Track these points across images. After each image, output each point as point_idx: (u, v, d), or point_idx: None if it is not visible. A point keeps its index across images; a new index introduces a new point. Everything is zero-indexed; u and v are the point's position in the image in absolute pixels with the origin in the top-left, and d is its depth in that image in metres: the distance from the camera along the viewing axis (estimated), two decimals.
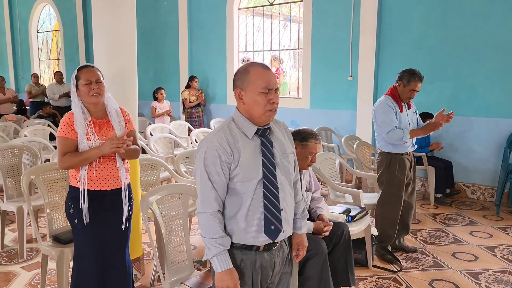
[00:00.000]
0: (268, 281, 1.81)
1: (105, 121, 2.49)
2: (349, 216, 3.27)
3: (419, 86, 3.46)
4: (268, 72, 1.72)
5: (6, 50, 12.62)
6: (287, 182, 1.79)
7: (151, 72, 9.09)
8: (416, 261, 3.62)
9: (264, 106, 1.69)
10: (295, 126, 7.08)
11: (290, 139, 1.90)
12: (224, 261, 1.69)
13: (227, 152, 1.67)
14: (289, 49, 7.39)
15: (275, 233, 1.73)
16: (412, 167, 3.68)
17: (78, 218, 2.42)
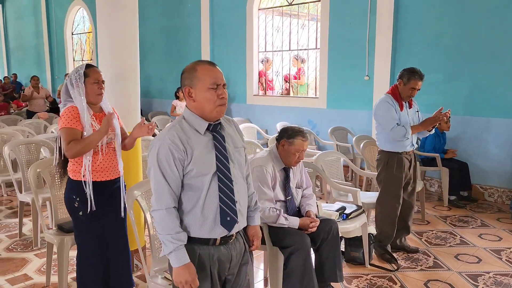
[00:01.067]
0: (226, 273, 1.85)
1: (102, 114, 2.67)
2: (344, 214, 3.31)
3: (420, 84, 3.44)
4: (214, 68, 1.78)
5: (43, 51, 13.28)
6: (240, 175, 1.85)
7: (175, 72, 9.33)
8: (415, 261, 3.60)
9: (214, 102, 1.74)
10: (312, 126, 7.11)
11: (240, 134, 1.95)
12: (181, 257, 1.71)
13: (179, 149, 1.71)
14: (307, 49, 7.42)
15: (231, 224, 1.78)
16: (413, 166, 3.66)
17: (83, 210, 2.54)
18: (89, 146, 2.50)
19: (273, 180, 2.79)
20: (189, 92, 1.77)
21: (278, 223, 2.69)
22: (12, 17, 14.96)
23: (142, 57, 10.32)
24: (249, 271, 1.96)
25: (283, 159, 2.84)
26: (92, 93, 2.58)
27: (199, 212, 1.75)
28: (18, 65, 14.94)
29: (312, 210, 2.87)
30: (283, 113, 7.44)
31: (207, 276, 1.79)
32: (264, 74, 7.99)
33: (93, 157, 2.58)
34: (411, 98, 3.57)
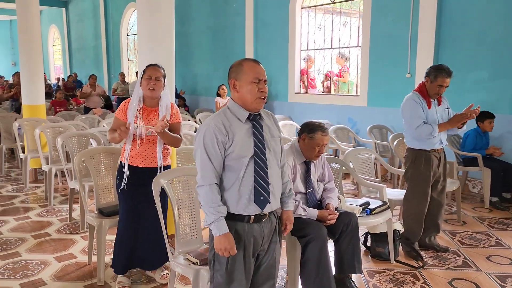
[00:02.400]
0: (259, 249, 2.07)
1: (154, 110, 2.96)
2: (368, 208, 3.35)
3: (447, 81, 3.40)
4: (258, 65, 2.02)
5: (101, 52, 14.11)
6: (275, 161, 2.06)
7: (220, 70, 9.62)
8: (443, 260, 3.57)
9: (255, 94, 1.96)
10: (352, 124, 7.10)
11: (277, 127, 2.16)
12: (221, 226, 1.94)
13: (222, 133, 1.94)
14: (349, 46, 7.40)
15: (264, 203, 1.98)
16: (442, 164, 3.62)
17: (121, 187, 2.92)
18: (114, 139, 2.89)
19: (293, 172, 2.90)
20: (234, 84, 2.00)
21: (296, 214, 2.79)
22: (74, 20, 16.01)
23: (190, 56, 10.76)
24: (277, 249, 2.15)
25: (304, 152, 2.95)
26: (144, 87, 2.88)
27: (236, 190, 1.97)
28: (78, 65, 15.97)
29: (331, 203, 2.95)
30: (324, 111, 7.48)
31: (241, 248, 2.00)
32: (305, 72, 8.06)
33: (132, 144, 2.91)
34: (440, 95, 3.53)
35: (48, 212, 4.76)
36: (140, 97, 2.92)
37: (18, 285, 3.07)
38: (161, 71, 2.92)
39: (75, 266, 3.39)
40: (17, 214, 4.67)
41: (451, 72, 3.40)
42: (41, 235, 4.05)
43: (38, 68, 6.23)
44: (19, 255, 3.59)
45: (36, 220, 4.49)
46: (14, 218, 4.54)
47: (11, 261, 3.48)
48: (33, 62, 6.11)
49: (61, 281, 3.14)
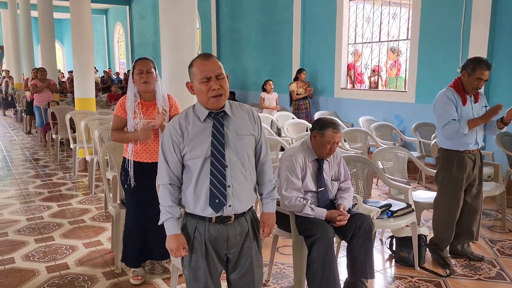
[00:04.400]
0: (225, 251, 1.96)
1: (152, 104, 2.99)
2: (389, 211, 3.19)
3: (487, 74, 3.13)
4: (206, 62, 1.88)
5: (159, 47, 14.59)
6: (239, 161, 1.91)
7: (269, 65, 9.60)
8: (475, 270, 3.31)
9: (206, 94, 1.86)
10: (399, 121, 6.78)
11: (253, 123, 1.99)
12: (171, 227, 1.91)
13: (177, 133, 1.89)
14: (397, 39, 7.05)
15: (219, 206, 1.88)
16: (478, 167, 3.35)
17: (127, 183, 2.98)
18: (124, 140, 2.97)
19: (303, 170, 2.82)
20: (191, 87, 1.94)
21: (303, 213, 2.72)
22: (136, 17, 16.73)
23: (240, 51, 10.86)
24: (254, 255, 2.01)
25: (315, 150, 2.85)
26: (137, 82, 2.91)
27: (192, 191, 1.91)
28: None
29: (343, 204, 2.83)
30: (370, 108, 7.21)
31: (201, 248, 1.93)
32: (353, 67, 7.80)
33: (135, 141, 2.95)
34: (478, 91, 3.26)
35: (89, 200, 5.02)
36: (135, 92, 2.94)
37: (44, 267, 3.28)
38: (151, 63, 2.94)
39: (99, 253, 3.56)
40: (61, 201, 4.98)
41: (490, 65, 3.13)
42: (77, 222, 4.29)
43: (89, 63, 6.58)
44: (53, 240, 3.83)
45: (76, 207, 4.76)
46: (57, 204, 4.85)
47: (44, 244, 3.72)
48: (84, 57, 6.46)
49: (83, 266, 3.30)
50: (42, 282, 3.04)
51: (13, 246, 3.68)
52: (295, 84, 7.91)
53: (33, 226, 4.15)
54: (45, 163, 7.11)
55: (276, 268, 3.28)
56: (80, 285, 3.01)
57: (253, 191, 2.01)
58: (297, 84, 7.89)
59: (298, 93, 7.87)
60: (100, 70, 18.29)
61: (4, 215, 4.48)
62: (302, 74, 7.92)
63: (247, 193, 1.96)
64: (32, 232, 4.00)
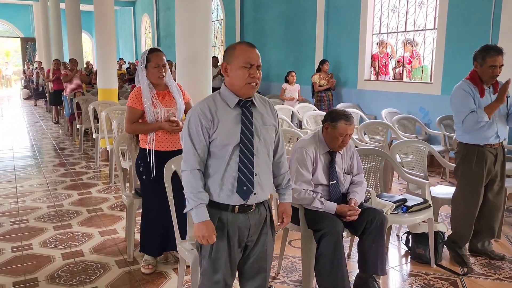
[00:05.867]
0: (246, 240, 1.98)
1: (166, 92, 3.04)
2: (404, 206, 3.09)
3: (499, 59, 2.99)
4: (251, 49, 1.90)
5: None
6: (264, 150, 1.95)
7: (292, 56, 9.49)
8: (495, 269, 3.18)
9: (244, 79, 1.86)
10: (424, 113, 6.58)
11: (273, 115, 2.03)
12: (201, 213, 1.88)
13: (207, 118, 1.87)
14: (424, 29, 6.81)
15: (247, 193, 1.90)
16: (500, 162, 3.20)
17: (146, 174, 2.99)
18: (146, 132, 2.96)
19: (314, 163, 2.76)
20: (225, 68, 1.92)
21: (312, 206, 2.67)
22: (163, 8, 16.85)
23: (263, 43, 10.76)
24: (268, 242, 2.05)
25: (327, 142, 2.78)
26: (153, 76, 2.92)
27: (219, 178, 1.90)
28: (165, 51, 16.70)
29: (355, 198, 2.76)
30: (394, 100, 7.02)
31: (224, 237, 1.94)
32: (377, 58, 7.61)
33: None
34: (496, 81, 3.11)
35: (108, 189, 5.11)
36: (148, 84, 2.94)
37: (60, 254, 3.35)
38: (164, 55, 2.96)
39: (114, 241, 3.61)
40: (81, 189, 5.08)
41: (500, 49, 2.99)
42: (95, 210, 4.37)
43: (112, 55, 6.67)
44: (70, 227, 3.91)
45: (96, 196, 4.85)
46: (77, 193, 4.95)
47: (62, 232, 3.80)
48: (107, 49, 6.55)
49: (96, 254, 3.36)
50: (57, 269, 3.11)
51: (33, 233, 3.78)
52: (317, 75, 7.79)
53: (53, 214, 4.25)
54: (70, 152, 7.28)
55: (287, 262, 3.25)
56: (93, 273, 3.06)
57: (272, 180, 2.05)
58: (320, 76, 7.77)
59: (321, 84, 7.74)
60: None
61: (26, 202, 4.62)
62: (325, 65, 7.78)
63: (268, 182, 2.01)
64: (51, 220, 4.10)
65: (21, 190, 5.08)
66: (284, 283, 2.96)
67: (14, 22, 21.44)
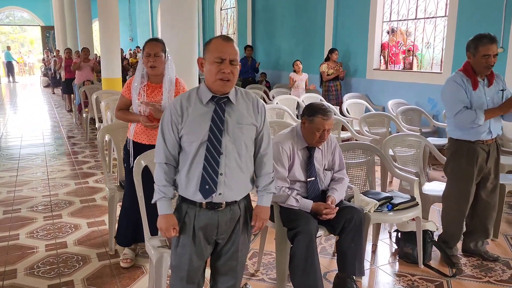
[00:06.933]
0: (215, 237, 1.94)
1: (158, 86, 2.95)
2: (390, 203, 2.97)
3: (493, 48, 2.81)
4: (226, 43, 1.83)
5: (200, 27, 14.62)
6: (235, 150, 1.87)
7: (302, 44, 9.30)
8: (487, 271, 3.03)
9: (215, 75, 1.81)
10: (432, 104, 6.34)
11: (256, 113, 1.93)
12: (163, 207, 1.91)
13: (177, 113, 1.87)
14: (435, 16, 6.53)
15: (208, 193, 1.85)
16: (494, 159, 3.03)
17: (127, 162, 3.02)
18: (127, 120, 3.01)
19: (290, 159, 2.66)
20: (201, 63, 1.88)
21: (287, 204, 2.58)
22: None
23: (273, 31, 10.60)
24: (240, 242, 1.99)
25: (305, 137, 2.67)
26: (145, 65, 2.87)
27: (185, 174, 1.89)
28: None
29: (333, 196, 2.65)
30: (403, 90, 6.80)
31: (190, 232, 1.91)
32: (387, 46, 7.37)
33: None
34: (492, 72, 2.93)
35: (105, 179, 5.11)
36: (143, 74, 2.90)
37: (44, 245, 3.36)
38: (160, 45, 2.86)
39: (100, 233, 3.60)
40: (80, 179, 5.11)
41: (494, 37, 2.81)
42: (88, 201, 4.38)
43: (115, 45, 6.66)
44: (60, 217, 3.93)
45: (92, 186, 4.87)
46: (75, 182, 4.98)
47: (51, 222, 3.82)
48: (110, 39, 6.54)
49: (79, 246, 3.36)
50: (37, 260, 3.12)
51: (22, 223, 3.81)
52: (326, 64, 7.60)
53: (46, 204, 4.29)
54: (76, 141, 7.35)
55: (269, 258, 3.17)
56: (72, 265, 3.06)
57: (249, 181, 1.97)
58: (328, 65, 7.58)
59: (329, 74, 7.56)
60: None
61: (23, 191, 4.67)
62: (334, 54, 7.59)
63: (240, 183, 1.91)
64: (43, 210, 4.13)
65: (21, 179, 5.15)
66: (262, 280, 2.90)
67: (34, 10, 21.78)
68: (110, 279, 2.88)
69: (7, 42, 27.95)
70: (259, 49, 11.12)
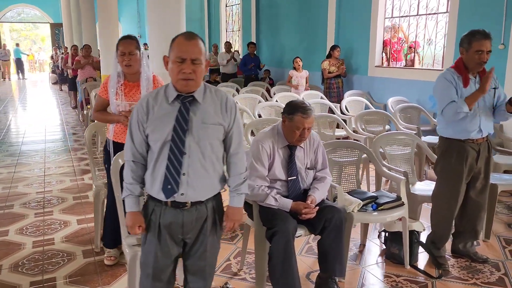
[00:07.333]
0: (181, 236, 1.92)
1: (136, 85, 2.91)
2: (374, 203, 2.93)
3: (487, 44, 2.74)
4: (187, 42, 1.78)
5: (204, 23, 14.61)
6: (199, 150, 1.84)
7: (305, 41, 9.23)
8: (474, 273, 2.97)
9: (176, 74, 1.78)
10: (433, 102, 6.23)
11: (224, 112, 1.89)
12: (129, 204, 1.92)
13: (143, 112, 1.85)
14: (436, 13, 6.42)
15: (170, 192, 1.83)
16: (485, 158, 2.96)
17: (108, 163, 2.98)
18: (106, 122, 2.99)
19: (270, 157, 2.63)
20: (166, 62, 1.86)
21: (265, 203, 2.55)
22: None
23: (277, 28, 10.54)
24: (209, 243, 1.96)
25: (286, 136, 2.64)
26: (120, 64, 2.83)
27: (150, 172, 1.88)
28: None
29: (313, 195, 2.61)
30: (405, 87, 6.70)
31: (155, 229, 1.90)
32: (389, 43, 7.27)
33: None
34: (484, 70, 2.86)
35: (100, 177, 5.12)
36: (119, 72, 2.87)
37: (32, 242, 3.38)
38: (134, 44, 2.81)
39: (88, 230, 3.61)
40: (75, 176, 5.14)
41: (488, 34, 2.74)
42: (81, 197, 4.40)
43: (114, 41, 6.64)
44: (51, 214, 3.95)
45: (87, 183, 4.89)
46: (70, 179, 5.01)
47: (41, 219, 3.85)
48: (109, 36, 6.55)
49: (66, 243, 3.37)
50: (23, 257, 3.14)
51: (14, 219, 3.84)
52: (327, 62, 7.52)
53: (39, 200, 4.32)
54: (77, 138, 7.40)
55: (253, 257, 3.11)
56: (57, 262, 3.07)
57: (216, 182, 1.93)
58: (329, 62, 7.50)
59: (330, 71, 7.48)
60: None
61: (18, 188, 4.71)
62: (336, 51, 7.50)
63: (205, 184, 1.88)
64: (35, 206, 4.16)
65: (18, 175, 5.19)
66: (245, 280, 2.87)
67: (44, 8, 21.97)
68: (92, 277, 2.89)
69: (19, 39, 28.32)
70: (263, 46, 11.08)
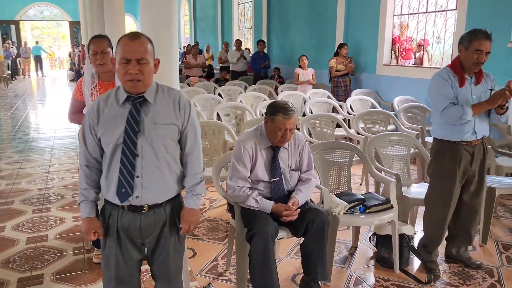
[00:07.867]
0: (140, 240, 1.91)
1: (110, 84, 2.90)
2: (362, 206, 2.87)
3: (486, 44, 2.65)
4: (130, 42, 1.75)
5: (217, 20, 14.63)
6: (152, 151, 1.81)
7: (314, 39, 9.14)
8: (466, 279, 2.89)
9: (123, 76, 1.76)
10: None
11: (178, 110, 1.86)
12: (84, 210, 1.88)
13: (93, 115, 1.83)
14: (445, 10, 6.27)
15: (125, 196, 1.80)
16: (479, 161, 2.87)
17: None
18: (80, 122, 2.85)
19: (253, 158, 2.60)
20: (114, 63, 1.83)
21: (246, 204, 2.53)
22: None
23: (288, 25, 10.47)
24: (171, 247, 1.94)
25: (268, 137, 2.61)
26: (93, 63, 2.82)
27: (104, 177, 1.86)
28: (201, 34, 16.86)
29: (296, 197, 2.58)
30: (412, 86, 6.57)
31: (114, 233, 1.88)
32: (397, 41, 7.13)
33: None
34: (481, 71, 2.77)
35: None
36: (93, 73, 2.85)
37: (26, 238, 3.44)
38: (106, 42, 2.79)
39: None
40: (77, 173, 5.20)
41: (489, 34, 2.65)
42: None
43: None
44: (49, 211, 4.01)
45: None
46: (72, 176, 5.08)
47: (38, 215, 3.91)
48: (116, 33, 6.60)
49: (59, 240, 3.41)
50: (15, 253, 3.19)
51: (12, 215, 3.91)
52: (334, 60, 7.43)
53: (39, 197, 4.39)
54: None
55: None
56: (47, 259, 3.11)
57: (173, 183, 1.90)
58: (337, 60, 7.41)
59: (338, 69, 7.39)
60: None
61: (21, 184, 4.80)
62: (343, 49, 7.40)
63: (160, 185, 1.85)
64: (35, 203, 4.23)
65: (23, 172, 5.29)
66: (229, 281, 2.86)
67: (63, 6, 22.36)
68: (79, 274, 2.91)
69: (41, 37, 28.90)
70: (273, 44, 11.02)
